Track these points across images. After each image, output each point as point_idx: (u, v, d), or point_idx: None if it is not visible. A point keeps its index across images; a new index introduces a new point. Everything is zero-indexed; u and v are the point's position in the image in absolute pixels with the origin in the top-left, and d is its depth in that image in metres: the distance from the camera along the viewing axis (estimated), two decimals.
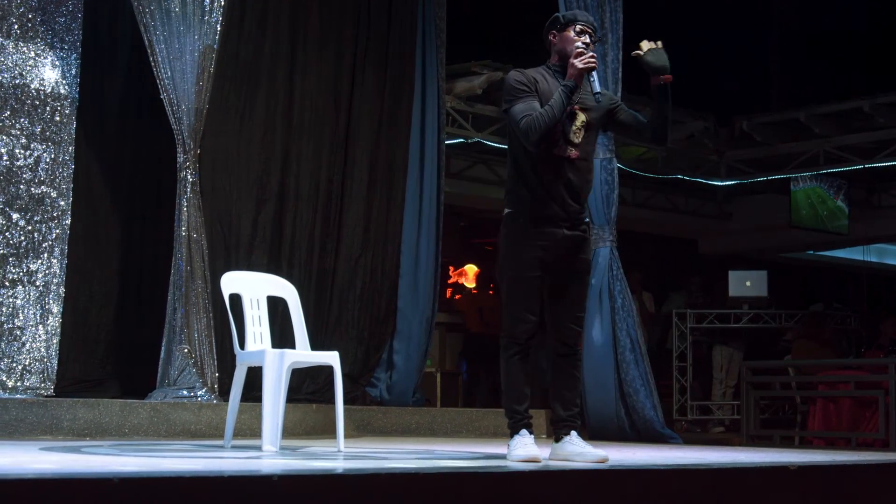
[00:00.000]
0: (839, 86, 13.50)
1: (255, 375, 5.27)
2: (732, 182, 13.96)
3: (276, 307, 5.96)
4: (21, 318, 7.52)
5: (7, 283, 7.49)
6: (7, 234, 7.53)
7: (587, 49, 4.50)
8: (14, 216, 7.57)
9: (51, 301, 7.65)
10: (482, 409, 9.01)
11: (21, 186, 7.60)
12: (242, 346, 5.32)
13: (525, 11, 10.11)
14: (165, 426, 6.53)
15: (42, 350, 7.58)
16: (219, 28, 7.40)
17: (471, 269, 14.60)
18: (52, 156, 7.74)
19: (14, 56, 7.64)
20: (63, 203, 7.77)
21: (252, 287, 5.51)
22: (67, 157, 7.80)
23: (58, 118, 7.79)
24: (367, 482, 2.97)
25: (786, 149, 13.28)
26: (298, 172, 8.60)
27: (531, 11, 7.79)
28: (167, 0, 7.27)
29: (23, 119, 7.64)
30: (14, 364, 7.45)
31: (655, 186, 13.96)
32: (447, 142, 10.01)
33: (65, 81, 7.83)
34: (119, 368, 7.89)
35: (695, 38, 13.31)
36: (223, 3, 7.40)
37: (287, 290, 5.65)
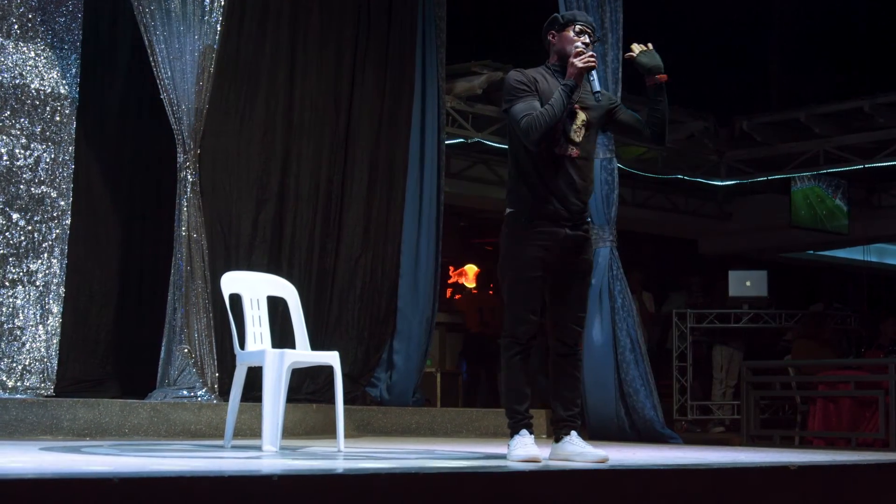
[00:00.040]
0: (839, 86, 13.49)
1: (255, 375, 5.27)
2: (732, 182, 13.95)
3: (276, 307, 5.96)
4: (21, 318, 7.52)
5: (7, 283, 7.49)
6: (7, 234, 7.53)
7: (586, 49, 4.51)
8: (14, 216, 7.57)
9: (51, 301, 7.65)
10: (482, 409, 9.01)
11: (21, 186, 7.60)
12: (242, 346, 5.32)
13: (525, 11, 10.10)
14: (165, 426, 6.53)
15: (42, 350, 7.58)
16: (219, 28, 7.40)
17: (471, 269, 14.59)
18: (52, 156, 7.74)
19: (14, 56, 7.64)
20: (63, 203, 7.77)
21: (252, 287, 5.51)
22: (67, 157, 7.80)
23: (58, 118, 7.79)
24: (367, 482, 2.97)
25: (786, 149, 13.28)
26: (298, 172, 8.60)
27: (531, 11, 7.79)
28: (167, 0, 7.28)
29: (23, 119, 7.64)
30: (14, 364, 7.45)
31: (655, 186, 13.95)
32: (447, 142, 10.01)
33: (65, 81, 7.83)
34: (119, 368, 7.89)
35: (695, 38, 13.30)
36: (223, 3, 7.41)
37: (287, 290, 5.65)
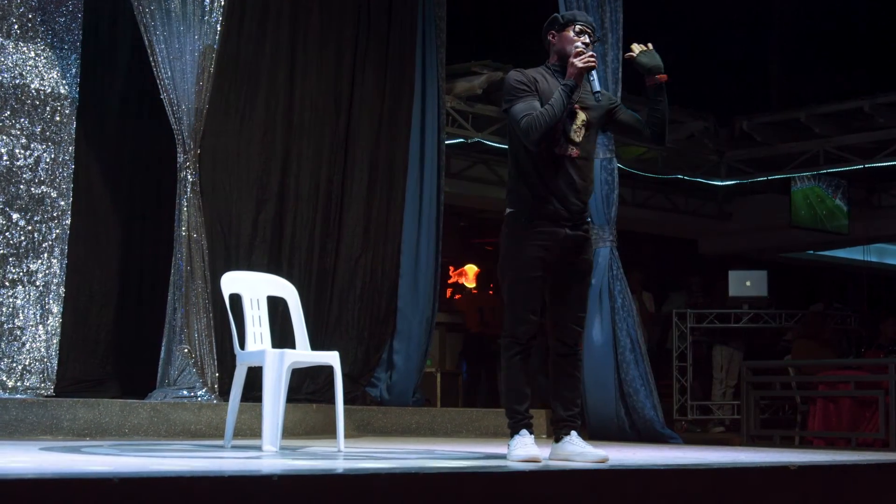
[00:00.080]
0: (839, 86, 13.49)
1: (255, 375, 5.27)
2: (732, 182, 13.96)
3: (276, 307, 5.96)
4: (21, 318, 7.52)
5: (7, 283, 7.49)
6: (7, 234, 7.53)
7: (586, 49, 4.51)
8: (14, 216, 7.57)
9: (51, 301, 7.65)
10: (482, 409, 9.01)
11: (21, 186, 7.60)
12: (242, 346, 5.32)
13: (525, 11, 10.10)
14: (165, 426, 6.53)
15: (42, 350, 7.58)
16: (219, 28, 7.40)
17: (471, 269, 14.59)
18: (52, 156, 7.74)
19: (14, 56, 7.64)
20: (63, 203, 7.77)
21: (252, 287, 5.51)
22: (67, 157, 7.80)
23: (58, 118, 7.79)
24: (367, 482, 2.97)
25: (786, 149, 13.28)
26: (298, 172, 8.60)
27: (531, 11, 7.79)
28: (167, 0, 7.28)
29: (23, 119, 7.64)
30: (14, 364, 7.45)
31: (655, 186, 13.95)
32: (447, 142, 10.01)
33: (65, 81, 7.83)
34: (119, 368, 7.89)
35: (695, 38, 13.31)
36: (223, 3, 7.40)
37: (287, 290, 5.65)
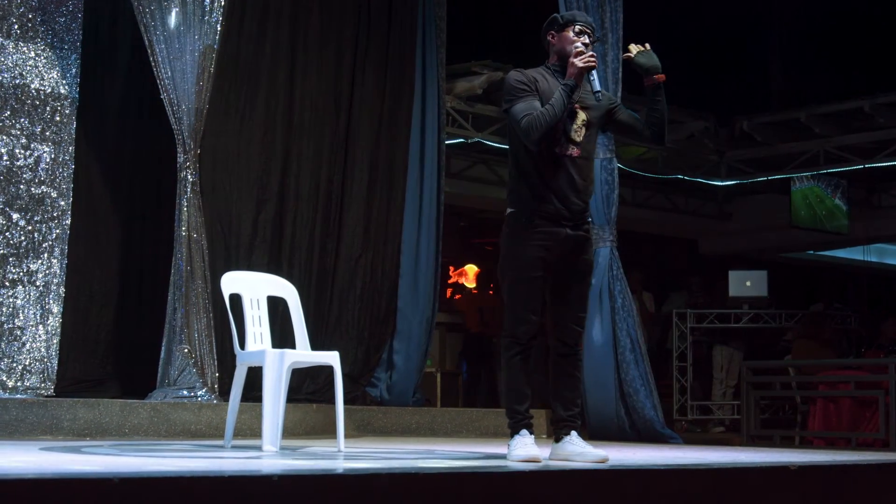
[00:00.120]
0: (839, 86, 13.48)
1: (256, 375, 5.27)
2: (732, 182, 13.96)
3: (277, 307, 5.96)
4: (21, 318, 7.52)
5: (7, 283, 7.49)
6: (7, 234, 7.53)
7: (586, 49, 4.51)
8: (14, 216, 7.57)
9: (51, 301, 7.65)
10: (482, 409, 9.01)
11: (21, 186, 7.60)
12: (242, 346, 5.32)
13: (525, 11, 10.09)
14: (165, 426, 6.53)
15: (42, 350, 7.58)
16: (219, 28, 7.40)
17: (471, 269, 14.58)
18: (53, 156, 7.74)
19: (14, 56, 7.64)
20: (63, 203, 7.77)
21: (252, 287, 5.51)
22: (67, 157, 7.81)
23: (58, 118, 7.79)
24: (367, 482, 2.97)
25: (786, 149, 13.28)
26: (298, 172, 8.60)
27: (531, 11, 7.78)
28: (167, 0, 7.28)
29: (23, 119, 7.64)
30: (14, 364, 7.45)
31: (655, 186, 13.95)
32: (447, 142, 10.01)
33: (65, 81, 7.83)
34: (119, 368, 7.89)
35: (695, 38, 13.30)
36: (223, 3, 7.40)
37: (287, 290, 5.65)
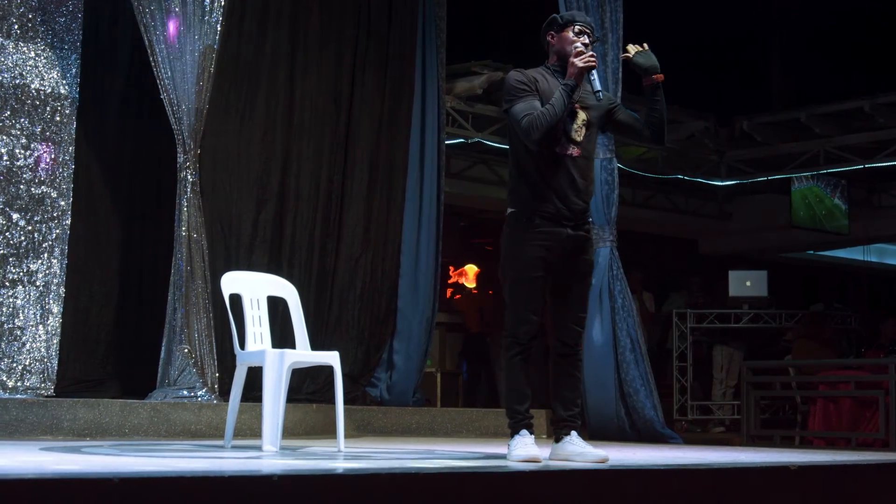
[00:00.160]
0: (839, 86, 13.49)
1: (256, 375, 5.27)
2: (733, 182, 13.96)
3: (277, 307, 5.96)
4: (21, 318, 7.52)
5: (7, 283, 7.49)
6: (7, 234, 7.53)
7: (586, 49, 4.51)
8: (14, 216, 7.57)
9: (51, 301, 7.65)
10: (482, 409, 9.01)
11: (21, 186, 7.60)
12: (243, 346, 5.32)
13: (525, 11, 10.10)
14: (165, 426, 6.53)
15: (42, 350, 7.58)
16: (219, 28, 7.40)
17: (471, 269, 14.57)
18: (53, 156, 7.74)
19: (14, 56, 7.64)
20: (63, 203, 7.77)
21: (252, 287, 5.51)
22: (67, 157, 7.81)
23: (58, 118, 7.79)
24: (367, 482, 2.97)
25: (786, 149, 13.28)
26: (299, 172, 8.60)
27: (531, 11, 7.79)
28: (167, 0, 7.27)
29: (23, 119, 7.64)
30: (14, 364, 7.45)
31: (656, 186, 13.95)
32: (447, 142, 10.01)
33: (65, 81, 7.83)
34: (119, 368, 7.89)
35: (695, 38, 13.30)
36: (223, 3, 7.40)
37: (287, 290, 5.65)
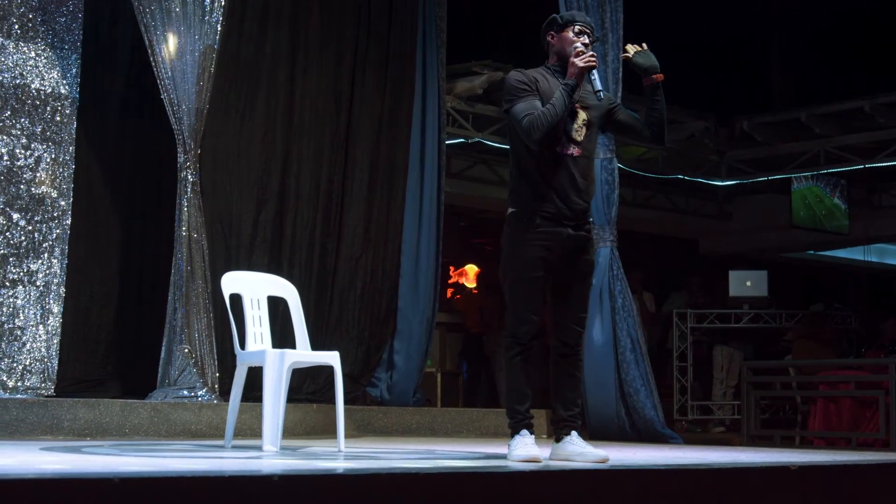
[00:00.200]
0: (839, 86, 13.49)
1: (256, 375, 5.27)
2: (733, 182, 13.95)
3: (277, 307, 5.96)
4: (21, 318, 7.52)
5: (7, 283, 7.49)
6: (7, 234, 7.53)
7: (586, 49, 4.51)
8: (14, 216, 7.57)
9: (51, 301, 7.65)
10: (482, 409, 9.02)
11: (21, 186, 7.60)
12: (243, 346, 5.32)
13: (525, 11, 10.10)
14: (166, 426, 6.53)
15: (42, 350, 7.58)
16: (219, 28, 7.40)
17: (471, 269, 14.57)
18: (53, 156, 7.74)
19: (14, 56, 7.64)
20: (63, 203, 7.77)
21: (252, 287, 5.51)
22: (68, 157, 7.81)
23: (58, 118, 7.79)
24: (368, 482, 2.97)
25: (786, 149, 13.28)
26: (299, 172, 8.60)
27: (531, 11, 7.79)
28: (167, 0, 7.28)
29: (23, 119, 7.64)
30: (14, 364, 7.45)
31: (656, 186, 13.95)
32: (447, 142, 10.01)
33: (65, 81, 7.83)
34: (119, 368, 7.89)
35: (695, 38, 13.29)
36: (223, 4, 7.41)
37: (287, 290, 5.65)
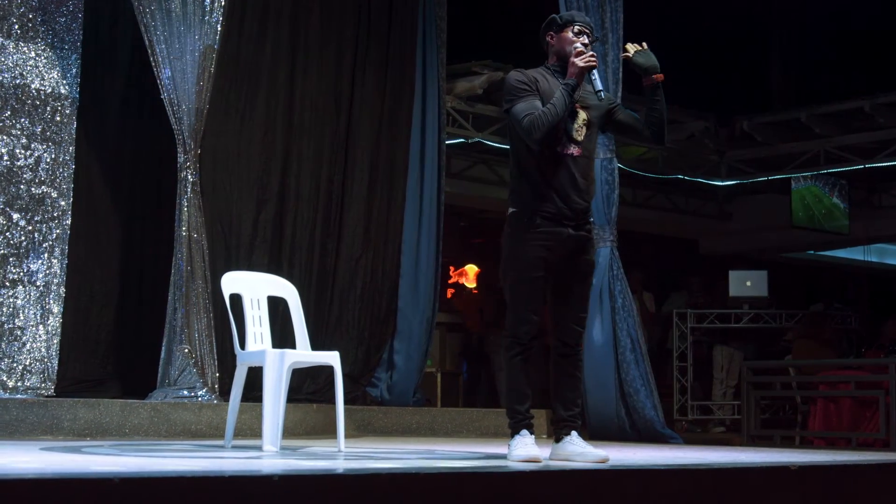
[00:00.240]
0: (839, 86, 13.49)
1: (256, 375, 5.27)
2: (733, 182, 13.95)
3: (277, 307, 5.96)
4: (21, 318, 7.52)
5: (7, 283, 7.49)
6: (7, 234, 7.53)
7: (586, 49, 4.51)
8: (14, 216, 7.57)
9: (51, 301, 7.65)
10: (482, 409, 9.02)
11: (21, 186, 7.60)
12: (243, 346, 5.32)
13: (525, 11, 10.09)
14: (166, 426, 6.54)
15: (42, 350, 7.58)
16: (219, 28, 7.40)
17: (471, 269, 14.56)
18: (53, 156, 7.74)
19: (14, 56, 7.64)
20: (63, 203, 7.77)
21: (252, 287, 5.51)
22: (68, 157, 7.80)
23: (58, 118, 7.79)
24: (367, 482, 2.98)
25: (786, 149, 13.28)
26: (299, 172, 8.60)
27: (531, 11, 7.78)
28: (167, 0, 7.28)
29: (23, 119, 7.64)
30: (14, 364, 7.45)
31: (656, 186, 13.94)
32: (447, 142, 10.01)
33: (65, 81, 7.83)
34: (119, 368, 7.89)
35: (695, 38, 13.30)
36: (223, 3, 7.40)
37: (287, 290, 5.65)
